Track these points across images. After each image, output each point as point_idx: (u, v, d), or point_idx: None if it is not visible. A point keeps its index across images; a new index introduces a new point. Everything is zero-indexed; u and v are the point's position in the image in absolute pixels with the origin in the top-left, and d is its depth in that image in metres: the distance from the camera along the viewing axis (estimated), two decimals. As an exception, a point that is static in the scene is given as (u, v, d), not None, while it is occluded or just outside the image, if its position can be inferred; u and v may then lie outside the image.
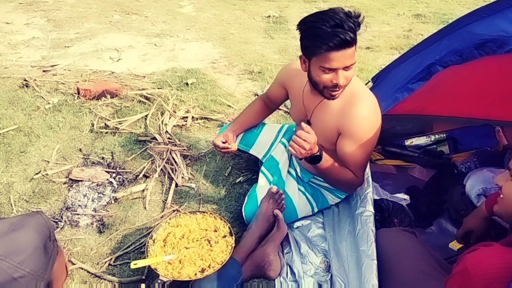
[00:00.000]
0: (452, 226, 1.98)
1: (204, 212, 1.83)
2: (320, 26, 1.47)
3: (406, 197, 2.12)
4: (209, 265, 1.60)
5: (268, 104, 2.16)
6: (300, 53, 1.64)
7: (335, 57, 1.51)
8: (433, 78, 1.89)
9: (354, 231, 1.73)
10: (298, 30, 1.58)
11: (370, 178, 1.86)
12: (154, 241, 1.70)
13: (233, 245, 1.66)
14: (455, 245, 1.84)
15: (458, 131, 2.39)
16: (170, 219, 1.80)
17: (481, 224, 1.62)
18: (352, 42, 1.48)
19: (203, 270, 1.58)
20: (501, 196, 1.26)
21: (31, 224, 0.87)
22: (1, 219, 0.90)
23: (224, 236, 1.70)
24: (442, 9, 5.40)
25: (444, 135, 2.39)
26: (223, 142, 2.03)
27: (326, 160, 1.67)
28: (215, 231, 1.74)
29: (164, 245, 1.68)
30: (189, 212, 1.85)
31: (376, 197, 2.04)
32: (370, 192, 1.79)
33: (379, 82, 2.09)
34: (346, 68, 1.55)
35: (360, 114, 1.64)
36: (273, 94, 2.07)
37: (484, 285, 1.00)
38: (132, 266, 1.56)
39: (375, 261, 1.48)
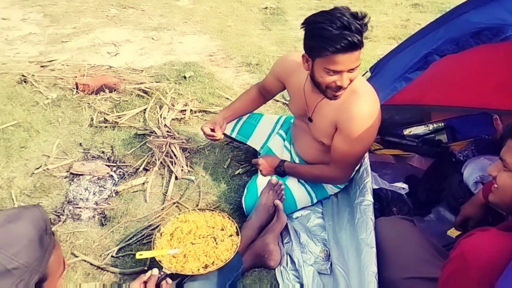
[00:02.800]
0: (450, 214, 2.00)
1: (213, 211, 1.84)
2: (327, 27, 1.46)
3: (405, 186, 2.14)
4: (213, 262, 1.61)
5: (264, 93, 2.15)
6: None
7: (341, 59, 1.49)
8: (430, 67, 1.90)
9: (353, 220, 1.75)
10: (303, 29, 1.57)
11: (369, 168, 1.88)
12: (161, 234, 1.72)
13: (239, 244, 1.66)
14: (453, 232, 1.86)
15: (456, 120, 2.41)
16: (179, 214, 1.82)
17: (478, 211, 1.64)
18: (359, 45, 1.47)
19: (206, 266, 1.59)
20: (495, 186, 1.28)
21: (27, 216, 0.87)
22: None
23: (231, 235, 1.72)
24: (440, -2, 5.39)
25: (442, 124, 2.41)
26: (211, 130, 2.04)
27: (290, 168, 1.96)
28: (222, 229, 1.75)
29: (171, 239, 1.70)
30: (198, 209, 1.86)
31: (375, 187, 2.05)
32: (369, 181, 1.81)
33: (377, 72, 2.10)
34: (351, 70, 1.54)
35: (357, 113, 1.63)
36: (268, 85, 2.07)
37: (480, 269, 1.02)
38: (138, 256, 1.58)
39: (374, 249, 1.50)
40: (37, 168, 2.24)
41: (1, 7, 4.76)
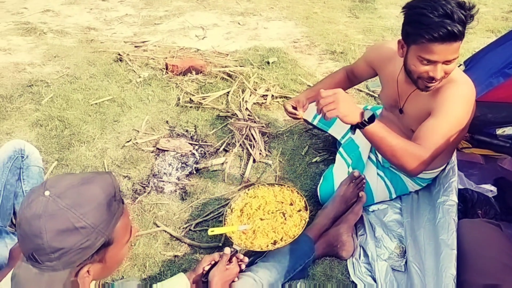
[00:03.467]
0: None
1: (281, 185, 1.86)
2: (428, 13, 1.39)
3: (493, 188, 2.00)
4: (281, 238, 1.64)
5: (351, 78, 2.08)
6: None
7: (437, 49, 1.42)
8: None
9: (435, 219, 1.68)
10: (402, 14, 1.51)
11: (455, 167, 1.78)
12: (232, 210, 1.78)
13: (307, 219, 1.68)
14: (544, 244, 1.73)
15: (558, 122, 2.19)
16: (248, 189, 1.86)
17: None
18: (459, 36, 1.39)
19: (275, 243, 1.63)
20: None
21: (99, 181, 0.94)
22: (74, 174, 0.99)
23: (299, 211, 1.73)
24: (550, -12, 4.89)
25: (542, 126, 2.21)
26: (293, 107, 1.95)
27: (375, 126, 1.48)
28: (291, 204, 1.77)
29: (241, 215, 1.75)
30: (267, 184, 1.90)
31: (460, 187, 1.95)
32: (455, 181, 1.72)
33: (472, 66, 1.97)
34: (447, 62, 1.46)
35: (453, 93, 1.54)
36: (358, 70, 2.01)
37: None
38: (209, 233, 1.66)
39: (455, 251, 1.43)
40: (128, 142, 2.41)
41: (102, -11, 5.11)
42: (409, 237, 1.75)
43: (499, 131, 2.26)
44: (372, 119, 1.48)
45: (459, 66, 2.08)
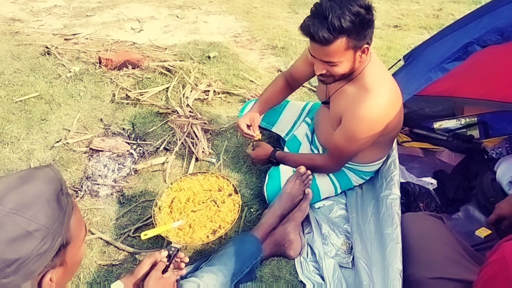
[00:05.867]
0: (480, 213, 1.91)
1: (204, 173, 1.82)
2: (313, 9, 1.42)
3: (433, 181, 2.05)
4: (219, 225, 1.61)
5: (291, 82, 2.03)
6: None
7: (312, 46, 1.48)
8: (467, 59, 1.80)
9: (379, 213, 1.68)
10: None
11: (397, 160, 1.80)
12: (159, 208, 1.69)
13: (240, 202, 1.66)
14: (481, 233, 1.80)
15: (490, 115, 2.30)
16: (171, 183, 1.79)
17: None
18: (323, 41, 1.39)
19: (214, 232, 1.59)
20: None
21: (40, 176, 0.82)
22: (9, 174, 0.86)
23: (230, 195, 1.71)
24: (475, -12, 5.18)
25: (475, 119, 2.31)
26: (248, 126, 1.93)
27: (281, 158, 1.93)
28: (220, 190, 1.73)
29: (171, 212, 1.68)
30: (190, 174, 1.83)
31: (402, 180, 1.98)
32: (396, 174, 1.74)
33: (411, 61, 1.99)
34: (329, 63, 1.48)
35: (361, 113, 1.56)
36: (297, 71, 1.96)
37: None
38: (142, 237, 1.55)
39: (400, 245, 1.44)
40: (57, 142, 2.22)
41: (27, -22, 4.74)
42: (355, 232, 1.74)
43: (436, 125, 2.33)
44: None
45: (398, 61, 2.11)
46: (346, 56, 1.46)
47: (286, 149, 2.06)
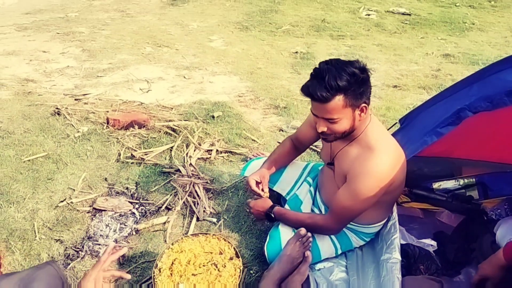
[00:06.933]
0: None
1: (206, 234, 1.83)
2: (313, 71, 1.53)
3: (433, 243, 2.05)
4: None
5: (297, 145, 2.12)
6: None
7: (313, 104, 1.58)
8: (463, 122, 1.86)
9: (379, 277, 1.67)
10: None
11: (397, 224, 1.82)
12: (160, 270, 1.68)
13: (241, 267, 1.65)
14: (484, 297, 1.76)
15: (488, 176, 2.32)
16: (172, 244, 1.79)
17: (497, 272, 1.55)
18: (321, 99, 1.50)
19: None
20: None
21: (42, 277, 0.83)
22: (9, 274, 0.86)
23: (231, 258, 1.69)
24: (472, 50, 5.35)
25: (474, 179, 2.32)
26: (258, 182, 1.98)
27: (279, 214, 1.91)
28: (221, 253, 1.72)
29: (171, 274, 1.66)
30: (191, 235, 1.83)
31: (402, 242, 1.97)
32: (397, 238, 1.74)
33: (407, 124, 2.06)
34: (329, 120, 1.56)
35: (366, 171, 1.61)
36: (303, 134, 2.05)
37: None
38: None
39: (401, 310, 1.43)
40: (62, 201, 2.26)
41: (42, 40, 5.00)
42: (356, 296, 1.73)
43: (435, 185, 2.35)
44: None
45: (395, 124, 2.17)
46: (345, 114, 1.55)
47: (287, 207, 2.08)
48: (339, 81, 1.47)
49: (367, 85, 1.56)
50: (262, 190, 1.98)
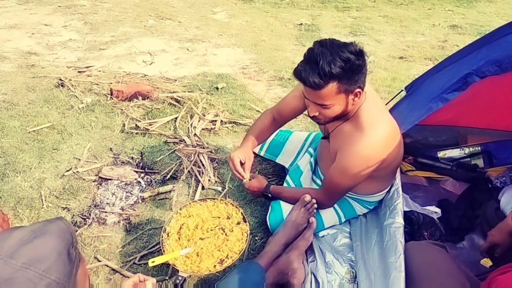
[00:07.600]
0: (484, 242, 1.90)
1: (214, 199, 1.83)
2: (306, 54, 1.46)
3: (438, 210, 2.06)
4: (227, 255, 1.60)
5: (277, 118, 1.97)
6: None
7: (305, 89, 1.51)
8: (469, 89, 1.83)
9: (382, 242, 1.69)
10: None
11: (400, 189, 1.82)
12: (168, 234, 1.70)
13: (248, 232, 1.66)
14: (487, 262, 1.78)
15: (494, 145, 2.31)
16: (180, 209, 1.80)
17: (506, 238, 1.55)
18: (313, 86, 1.43)
19: (221, 262, 1.59)
20: None
21: (53, 230, 0.84)
22: (21, 227, 0.88)
23: (238, 223, 1.70)
24: (479, 21, 5.26)
25: (479, 148, 2.31)
26: (242, 163, 1.85)
27: (275, 192, 1.92)
28: (228, 218, 1.74)
29: (179, 238, 1.68)
30: (199, 200, 1.85)
31: (406, 209, 1.98)
32: (400, 203, 1.75)
33: (413, 91, 2.04)
34: (321, 105, 1.51)
35: (354, 152, 1.59)
36: (286, 108, 1.93)
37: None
38: (150, 264, 1.56)
39: (403, 274, 1.44)
40: (68, 171, 2.28)
41: (44, 14, 4.95)
42: (359, 261, 1.74)
43: (440, 154, 2.35)
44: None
45: (400, 92, 2.15)
46: (337, 100, 1.50)
47: (289, 179, 2.08)
48: (333, 67, 1.39)
49: (362, 72, 1.49)
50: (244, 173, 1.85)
